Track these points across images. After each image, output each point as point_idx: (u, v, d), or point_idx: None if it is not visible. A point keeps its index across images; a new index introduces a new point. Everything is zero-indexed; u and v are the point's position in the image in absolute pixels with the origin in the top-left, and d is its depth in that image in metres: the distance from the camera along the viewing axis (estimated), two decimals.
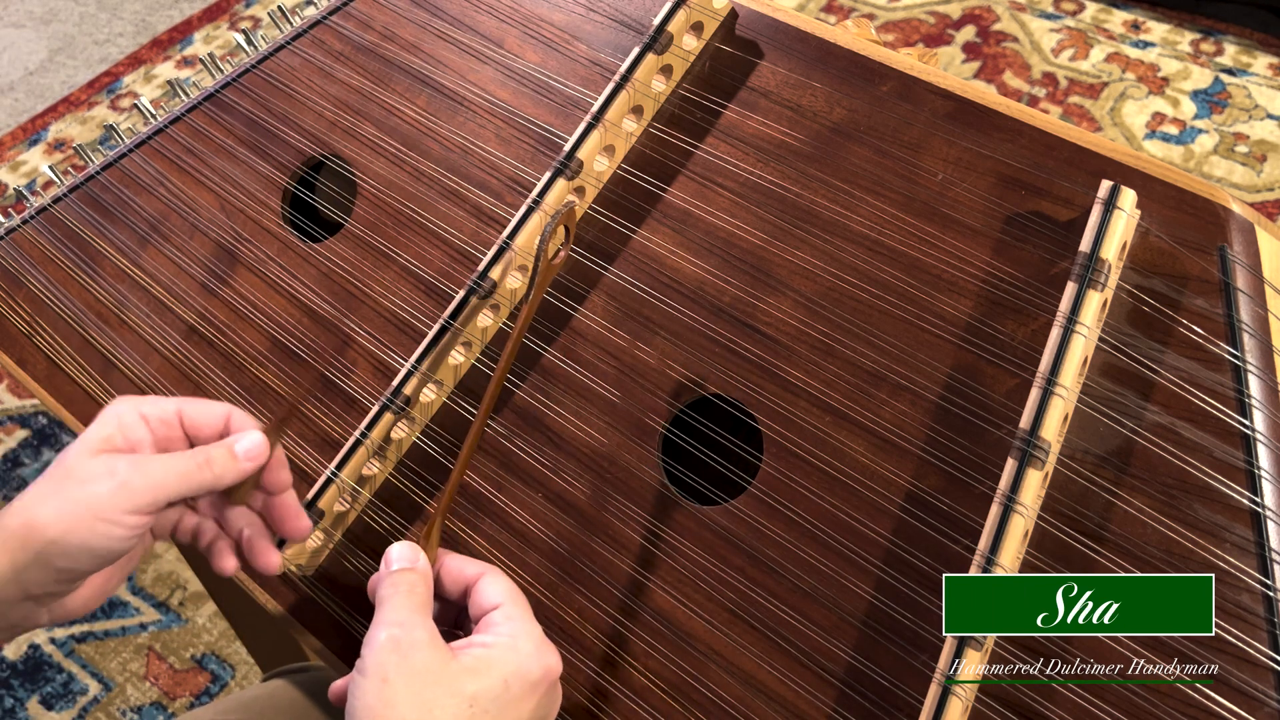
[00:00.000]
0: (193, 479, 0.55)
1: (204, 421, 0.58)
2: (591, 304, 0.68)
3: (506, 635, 0.53)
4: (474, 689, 0.51)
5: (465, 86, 0.75)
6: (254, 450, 0.57)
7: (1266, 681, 0.51)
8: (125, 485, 0.54)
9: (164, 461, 0.55)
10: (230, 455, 0.57)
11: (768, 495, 0.61)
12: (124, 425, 0.56)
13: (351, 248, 0.75)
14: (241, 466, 0.57)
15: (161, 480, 0.54)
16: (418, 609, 0.53)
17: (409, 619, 0.53)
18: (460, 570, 0.57)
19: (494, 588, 0.55)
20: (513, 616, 0.54)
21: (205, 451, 0.56)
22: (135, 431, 0.56)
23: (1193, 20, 1.88)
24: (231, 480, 0.57)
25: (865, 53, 0.65)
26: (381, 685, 0.50)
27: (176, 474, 0.55)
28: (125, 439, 0.56)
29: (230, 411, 0.59)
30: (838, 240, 0.63)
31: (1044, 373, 0.54)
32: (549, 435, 0.67)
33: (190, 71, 2.14)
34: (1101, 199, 0.55)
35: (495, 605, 0.55)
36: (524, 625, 0.54)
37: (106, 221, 0.83)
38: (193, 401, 0.59)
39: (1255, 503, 0.53)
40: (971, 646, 0.52)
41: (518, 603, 0.55)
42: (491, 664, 0.52)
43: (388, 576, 0.55)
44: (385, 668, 0.51)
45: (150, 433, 0.57)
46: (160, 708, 1.35)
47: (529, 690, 0.52)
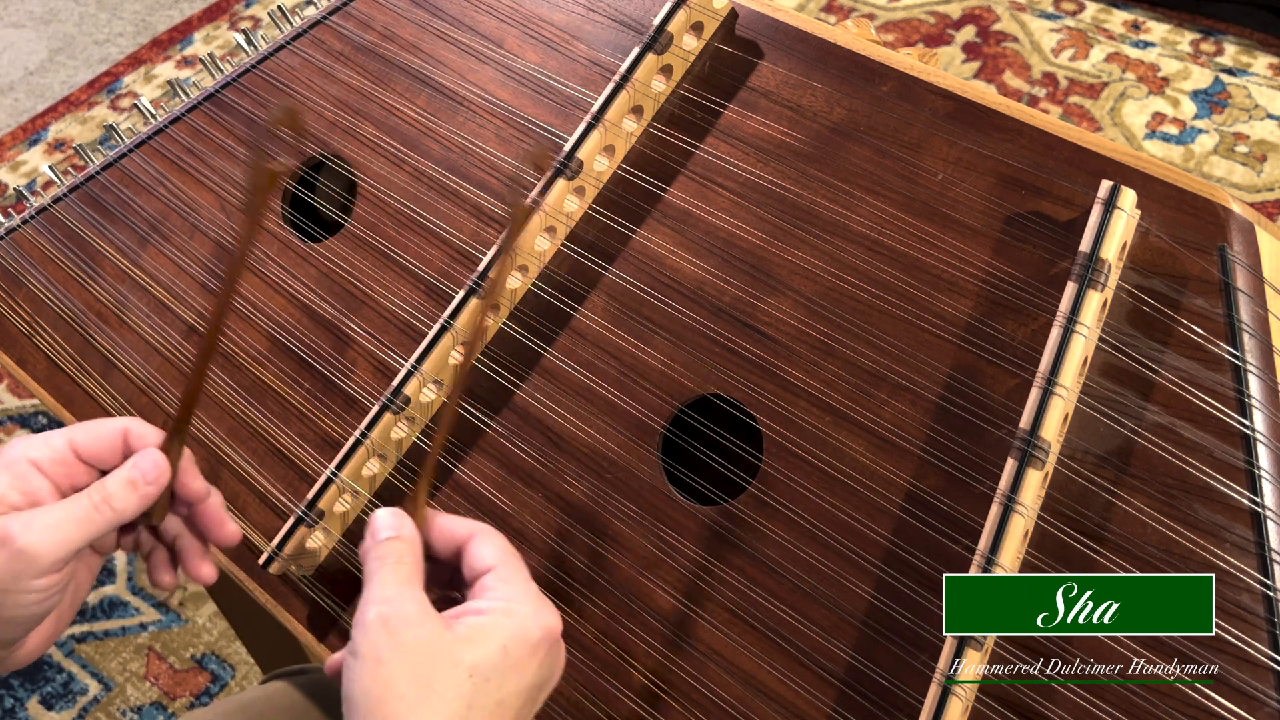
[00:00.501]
0: (93, 523, 0.52)
1: (100, 447, 0.55)
2: (591, 304, 0.68)
3: (502, 599, 0.50)
4: (472, 659, 0.48)
5: (465, 86, 0.75)
6: (151, 473, 0.54)
7: (1266, 681, 0.51)
8: (22, 553, 0.50)
9: (58, 513, 0.52)
10: (128, 486, 0.53)
11: (768, 495, 0.61)
12: (16, 477, 0.53)
13: (351, 248, 0.75)
14: (143, 493, 0.53)
15: (60, 536, 0.51)
16: (406, 580, 0.51)
17: (397, 593, 0.50)
18: (450, 531, 0.54)
19: (486, 549, 0.52)
20: (507, 578, 0.51)
21: (102, 488, 0.53)
22: (29, 482, 0.53)
23: (1193, 20, 1.88)
24: (136, 511, 0.54)
25: (865, 53, 0.65)
26: (376, 666, 0.48)
27: (74, 523, 0.52)
28: (21, 493, 0.52)
29: (126, 426, 0.55)
30: (838, 240, 0.63)
31: (1044, 373, 0.54)
32: (549, 435, 0.67)
33: (190, 71, 2.14)
34: (1101, 199, 0.55)
35: (489, 568, 0.52)
36: (519, 587, 0.51)
37: (106, 221, 0.83)
38: (83, 428, 0.55)
39: (1255, 503, 0.53)
40: (971, 646, 0.52)
41: (511, 563, 0.52)
42: (488, 631, 0.49)
43: (374, 547, 0.51)
44: (378, 648, 0.48)
45: (46, 478, 0.53)
46: (160, 708, 1.35)
47: (529, 653, 0.50)
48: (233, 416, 0.75)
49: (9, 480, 0.53)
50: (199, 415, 0.75)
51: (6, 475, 0.53)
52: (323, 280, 0.75)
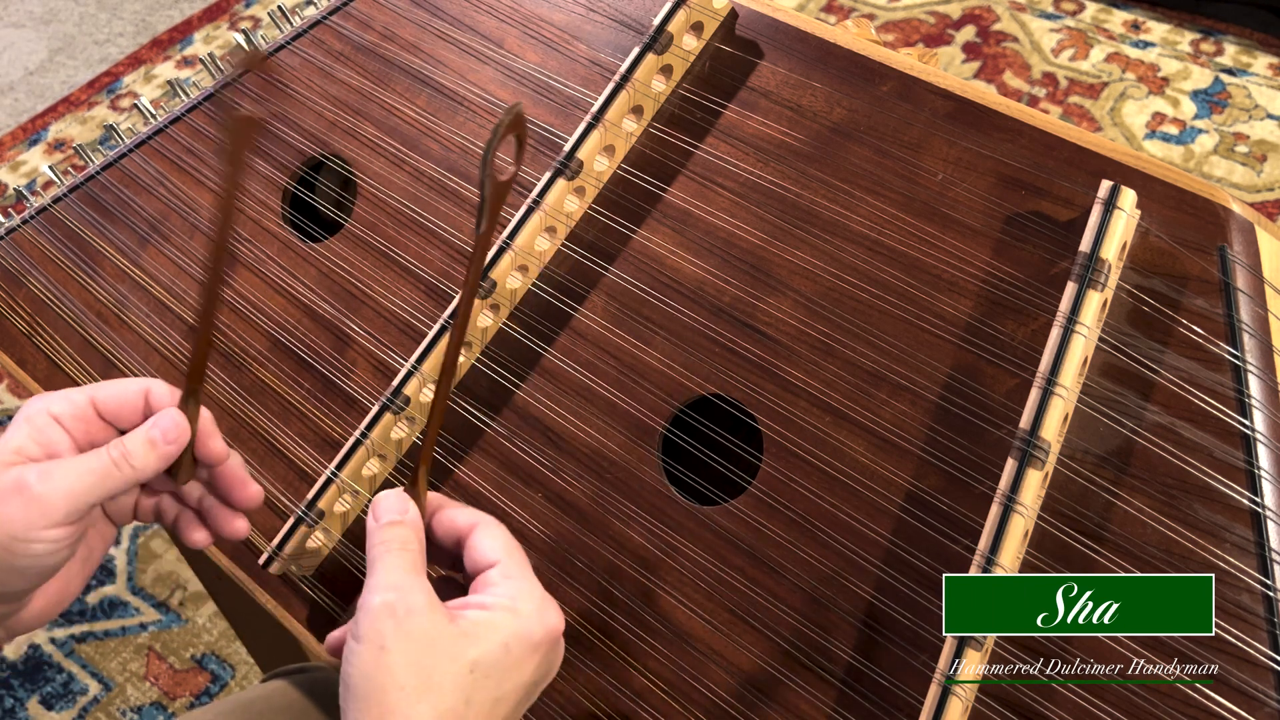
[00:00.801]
0: (112, 479, 0.52)
1: (121, 404, 0.54)
2: (591, 304, 0.68)
3: (506, 596, 0.50)
4: (474, 654, 0.48)
5: (465, 86, 0.75)
6: (172, 432, 0.53)
7: (1266, 681, 0.51)
8: (36, 500, 0.50)
9: (76, 465, 0.52)
10: (148, 444, 0.53)
11: (768, 495, 0.61)
12: (36, 430, 0.52)
13: (351, 248, 0.75)
14: (163, 452, 0.53)
15: (75, 487, 0.51)
16: (411, 568, 0.50)
17: (404, 581, 0.50)
18: (453, 521, 0.53)
19: (490, 542, 0.52)
20: (511, 574, 0.51)
21: (121, 445, 0.53)
22: (48, 434, 0.53)
23: (1193, 20, 1.88)
24: (155, 470, 0.53)
25: (865, 53, 0.65)
26: (379, 653, 0.48)
27: (92, 477, 0.52)
28: (39, 445, 0.52)
29: (148, 387, 0.54)
30: (838, 240, 0.63)
31: (1044, 373, 0.54)
32: (549, 435, 0.67)
33: (190, 71, 2.14)
34: (1101, 199, 0.55)
35: (492, 562, 0.51)
36: (523, 584, 0.51)
37: (106, 221, 0.83)
38: (105, 386, 0.54)
39: (1255, 503, 0.53)
40: (971, 646, 0.52)
41: (515, 558, 0.52)
42: (491, 627, 0.49)
43: (378, 531, 0.51)
44: (382, 635, 0.48)
45: (66, 432, 0.53)
46: (160, 708, 1.35)
47: (530, 651, 0.50)
48: (233, 416, 0.75)
49: (28, 432, 0.53)
50: None
51: (27, 427, 0.53)
52: (323, 280, 0.75)
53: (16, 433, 0.52)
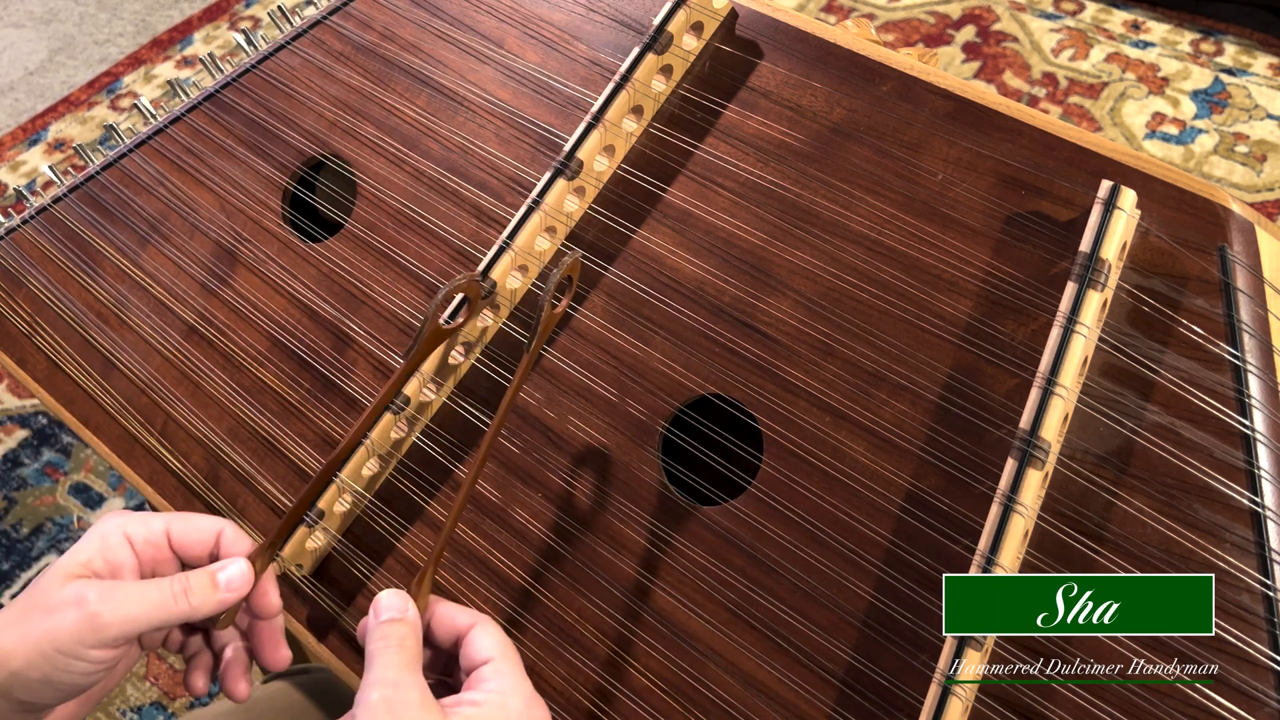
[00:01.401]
0: (167, 611, 0.53)
1: (193, 540, 0.56)
2: (591, 304, 0.68)
3: (496, 692, 0.52)
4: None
5: (465, 86, 0.75)
6: (236, 581, 0.55)
7: (1266, 681, 0.51)
8: (92, 618, 0.51)
9: (137, 591, 0.53)
10: (211, 585, 0.54)
11: (768, 495, 0.61)
12: (106, 547, 0.54)
13: (351, 248, 0.75)
14: (221, 597, 0.55)
15: (133, 613, 0.52)
16: (408, 665, 0.51)
17: (400, 678, 0.51)
18: (452, 620, 0.55)
19: (485, 640, 0.54)
20: (503, 672, 0.53)
21: (184, 580, 0.54)
22: (118, 554, 0.54)
23: (1193, 20, 1.88)
24: (210, 613, 0.55)
25: (865, 53, 0.65)
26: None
27: (150, 605, 0.53)
28: (106, 562, 0.54)
29: (222, 528, 0.57)
30: (838, 240, 0.63)
31: (1044, 373, 0.54)
32: (549, 435, 0.67)
33: (190, 71, 2.14)
34: (1101, 199, 0.55)
35: (486, 660, 0.53)
36: (514, 681, 0.53)
37: (106, 221, 0.83)
38: (182, 518, 0.56)
39: (1255, 503, 0.53)
40: (971, 646, 0.52)
41: (509, 657, 0.54)
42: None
43: (377, 628, 0.52)
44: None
45: (134, 555, 0.54)
46: (160, 708, 1.35)
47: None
48: (233, 416, 0.75)
49: (98, 547, 0.54)
50: (198, 414, 0.76)
51: (98, 542, 0.54)
52: (323, 280, 0.75)
53: (88, 545, 0.54)
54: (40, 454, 1.61)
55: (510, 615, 0.65)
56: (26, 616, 0.52)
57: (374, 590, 0.68)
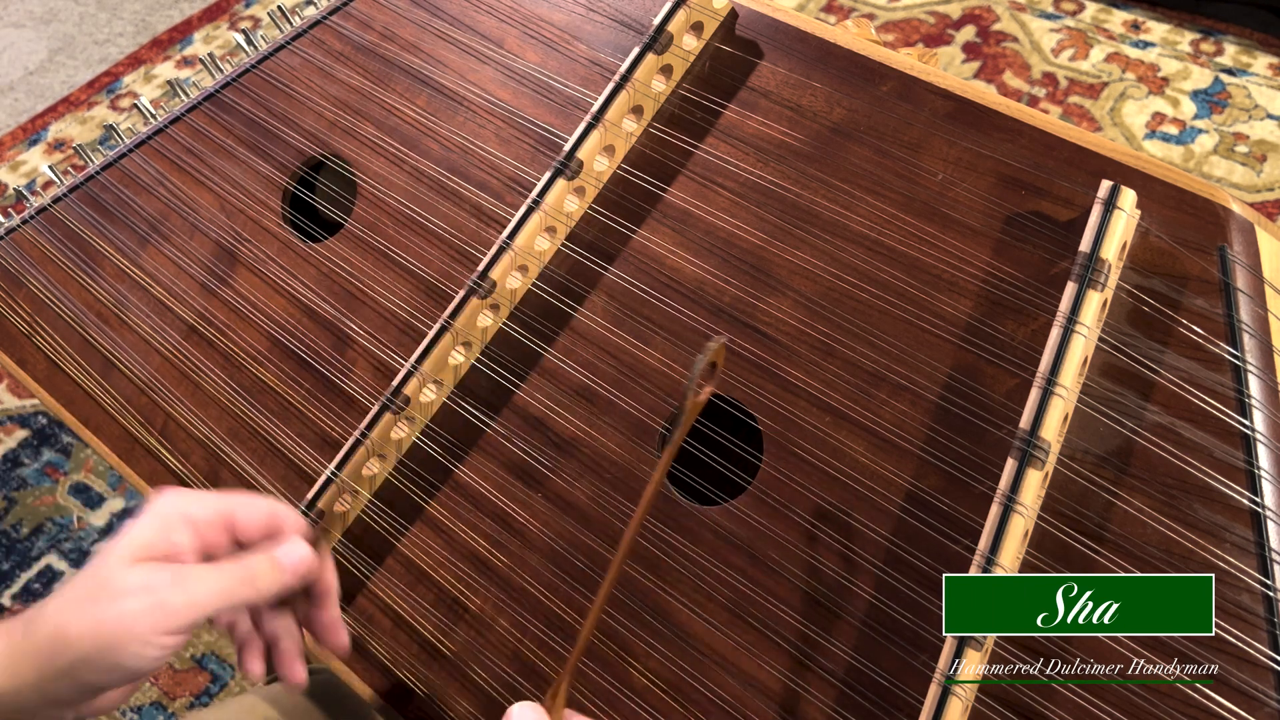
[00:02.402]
0: (235, 595, 0.53)
1: (252, 521, 0.56)
2: (591, 304, 0.68)
3: None
4: None
5: (465, 86, 0.75)
6: (301, 564, 0.55)
7: (1266, 681, 0.51)
8: (163, 605, 0.51)
9: (206, 577, 0.52)
10: (275, 568, 0.54)
11: (768, 495, 0.61)
12: (166, 529, 0.53)
13: (351, 248, 0.75)
14: (286, 580, 0.55)
15: (202, 599, 0.52)
16: None
17: None
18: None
19: None
20: None
21: (249, 566, 0.54)
22: (178, 536, 0.53)
23: (1193, 20, 1.88)
24: (275, 595, 0.55)
25: (865, 53, 0.65)
26: None
27: (218, 591, 0.52)
28: (167, 544, 0.53)
29: (278, 511, 0.56)
30: (838, 240, 0.63)
31: (1044, 373, 0.54)
32: (549, 435, 0.67)
33: (190, 71, 2.14)
34: (1101, 199, 0.55)
35: None
36: None
37: (106, 221, 0.83)
38: (240, 500, 0.56)
39: (1255, 503, 0.52)
40: (971, 646, 0.52)
41: None
42: None
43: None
44: None
45: (195, 537, 0.54)
46: (160, 708, 1.35)
47: None
48: (233, 416, 0.75)
49: (158, 528, 0.53)
50: (198, 414, 0.76)
51: (158, 523, 0.54)
52: (323, 280, 0.75)
53: (147, 527, 0.53)
54: (40, 454, 1.61)
55: (510, 615, 0.65)
56: (94, 601, 0.51)
57: (374, 590, 0.68)
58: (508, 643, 0.65)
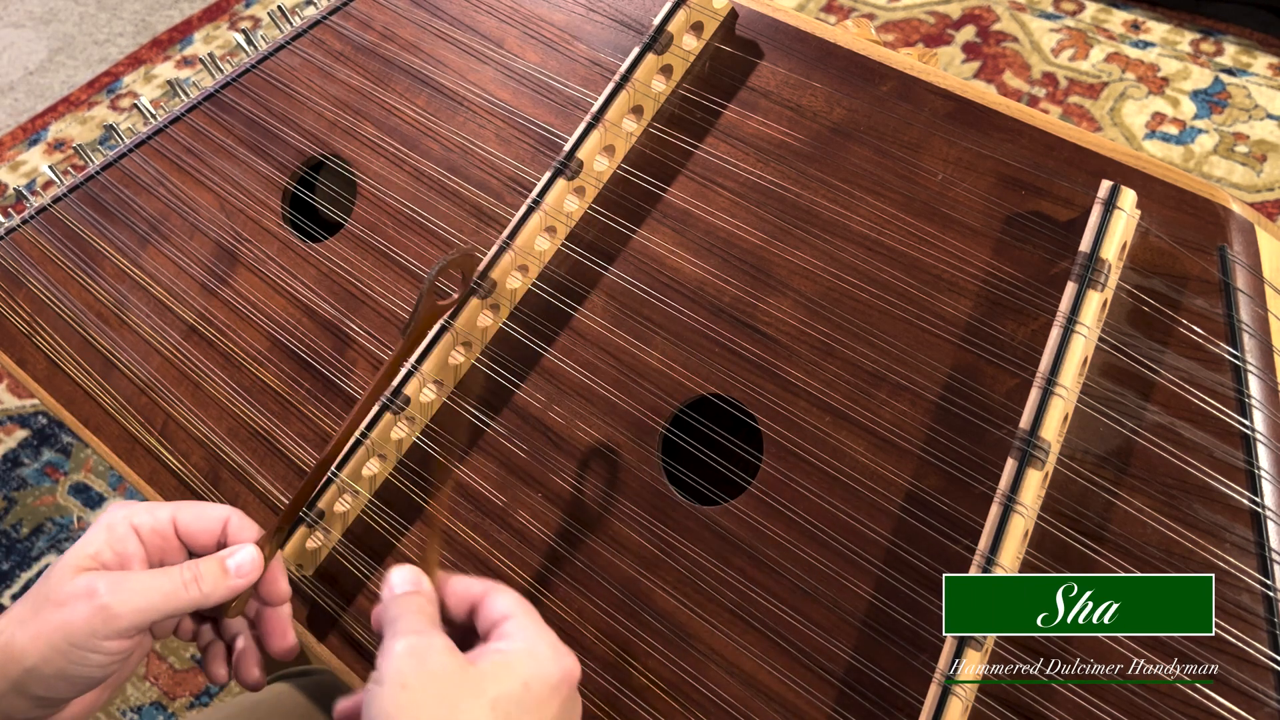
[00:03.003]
0: (179, 599, 0.53)
1: (200, 529, 0.56)
2: (591, 304, 0.68)
3: (522, 641, 0.51)
4: (495, 692, 0.49)
5: (465, 86, 0.75)
6: (245, 567, 0.55)
7: (1266, 681, 0.51)
8: (103, 610, 0.51)
9: (147, 581, 0.53)
10: (221, 571, 0.55)
11: (768, 495, 0.61)
12: (114, 539, 0.54)
13: (351, 248, 0.75)
14: (232, 584, 0.55)
15: (144, 603, 0.52)
16: (431, 622, 0.52)
17: (424, 628, 0.51)
18: (465, 589, 0.54)
19: (502, 600, 0.53)
20: (524, 626, 0.52)
21: (194, 568, 0.54)
22: (125, 545, 0.54)
23: (1193, 20, 1.88)
24: (221, 598, 0.55)
25: (865, 53, 0.65)
26: (400, 691, 0.48)
27: (161, 594, 0.53)
28: (114, 553, 0.54)
29: (228, 516, 0.57)
30: (838, 240, 0.63)
31: (1044, 373, 0.54)
32: (549, 435, 0.67)
33: (190, 71, 2.14)
34: (1101, 199, 0.55)
35: (506, 616, 0.53)
36: (537, 631, 0.52)
37: (106, 221, 0.83)
38: (188, 507, 0.57)
39: (1255, 503, 0.53)
40: (971, 646, 0.52)
41: (528, 612, 0.53)
42: (510, 667, 0.50)
43: (394, 601, 0.52)
44: (404, 674, 0.49)
45: (142, 545, 0.55)
46: (160, 708, 1.35)
47: (550, 693, 0.50)
48: (233, 416, 0.75)
49: (106, 539, 0.54)
50: (198, 414, 0.76)
51: (105, 534, 0.54)
52: (323, 280, 0.75)
53: (95, 538, 0.54)
54: (40, 454, 1.61)
55: None
56: (38, 612, 0.52)
57: (374, 590, 0.68)
58: None
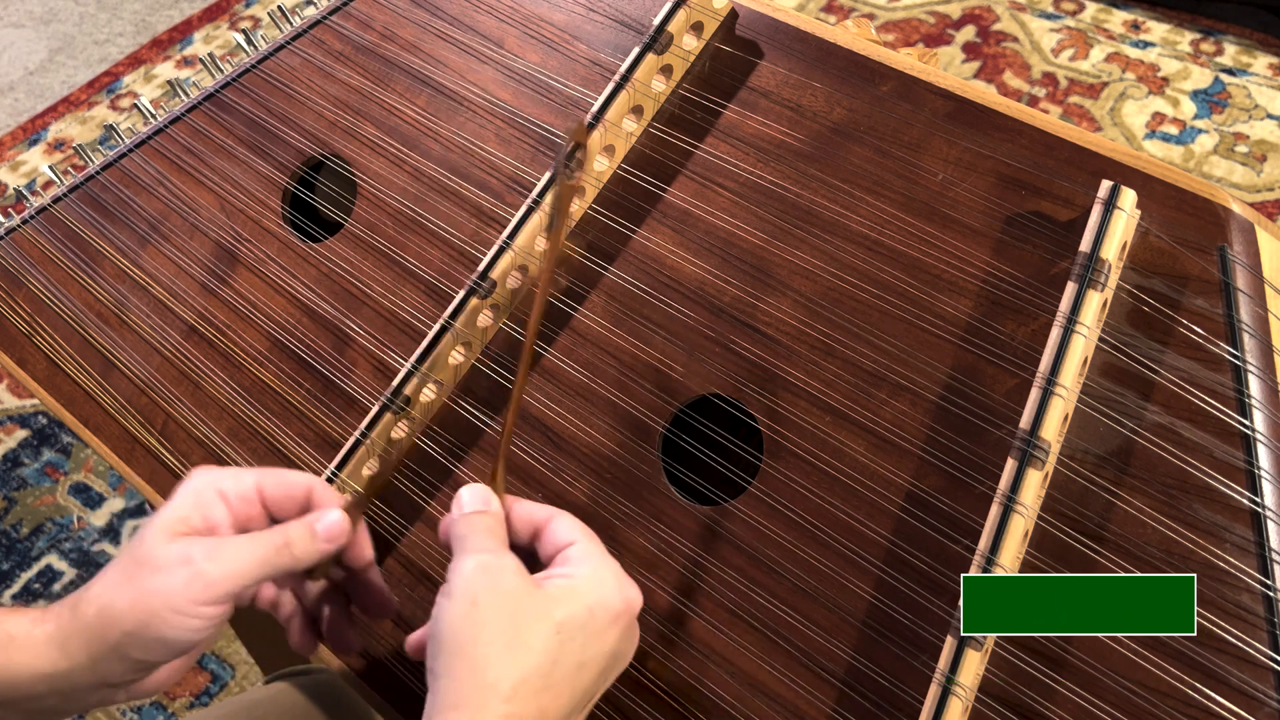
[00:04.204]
0: (271, 563, 0.54)
1: (284, 495, 0.56)
2: (591, 304, 0.68)
3: (588, 567, 0.52)
4: (560, 615, 0.50)
5: (465, 86, 0.75)
6: (334, 530, 0.55)
7: (1266, 681, 0.51)
8: (200, 576, 0.52)
9: (241, 547, 0.53)
10: (310, 535, 0.55)
11: (768, 495, 0.61)
12: (201, 504, 0.54)
13: (351, 248, 0.75)
14: (321, 548, 0.55)
15: (239, 568, 0.53)
16: (501, 542, 0.53)
17: (495, 548, 0.52)
18: (530, 514, 0.55)
19: (568, 527, 0.54)
20: (590, 553, 0.53)
21: (284, 533, 0.54)
22: (213, 510, 0.54)
23: (1193, 20, 1.88)
24: (311, 562, 0.55)
25: (865, 53, 0.65)
26: (471, 608, 0.50)
27: (255, 560, 0.53)
28: (203, 519, 0.54)
29: (312, 484, 0.57)
30: (838, 240, 0.63)
31: (1044, 373, 0.54)
32: (549, 435, 0.67)
33: (190, 71, 2.14)
34: (1101, 199, 0.55)
35: (571, 542, 0.53)
36: (603, 559, 0.53)
37: (106, 221, 0.83)
38: (273, 473, 0.57)
39: (1255, 503, 0.53)
40: (971, 646, 0.52)
41: (593, 540, 0.54)
42: (576, 592, 0.51)
43: (463, 520, 0.53)
44: (474, 590, 0.50)
45: (229, 511, 0.55)
46: (160, 708, 1.35)
47: (612, 620, 0.52)
48: (233, 416, 0.75)
49: (194, 503, 0.54)
50: (199, 415, 0.76)
51: (192, 498, 0.55)
52: (323, 280, 0.75)
53: (183, 503, 0.54)
54: (40, 454, 1.61)
55: None
56: (134, 577, 0.52)
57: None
58: None
